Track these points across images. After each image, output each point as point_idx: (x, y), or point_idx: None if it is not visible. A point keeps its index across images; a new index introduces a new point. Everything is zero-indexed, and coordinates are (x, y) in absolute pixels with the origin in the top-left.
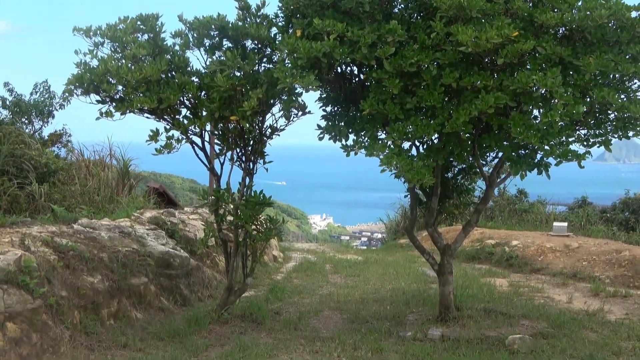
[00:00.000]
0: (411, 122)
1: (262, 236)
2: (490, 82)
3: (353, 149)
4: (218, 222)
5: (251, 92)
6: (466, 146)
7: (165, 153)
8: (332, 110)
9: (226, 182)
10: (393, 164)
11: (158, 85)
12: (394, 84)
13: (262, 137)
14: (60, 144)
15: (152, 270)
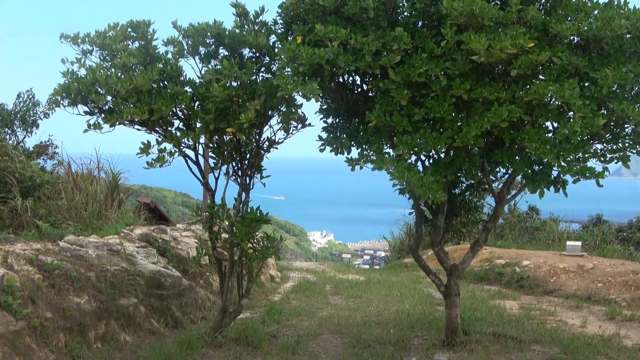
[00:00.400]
0: (420, 135)
1: (259, 255)
2: (503, 93)
3: (358, 162)
4: (212, 239)
5: (248, 104)
6: (476, 161)
7: (157, 167)
8: (333, 122)
9: (221, 197)
10: (405, 178)
11: (149, 95)
12: (402, 94)
13: (260, 150)
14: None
15: (142, 290)
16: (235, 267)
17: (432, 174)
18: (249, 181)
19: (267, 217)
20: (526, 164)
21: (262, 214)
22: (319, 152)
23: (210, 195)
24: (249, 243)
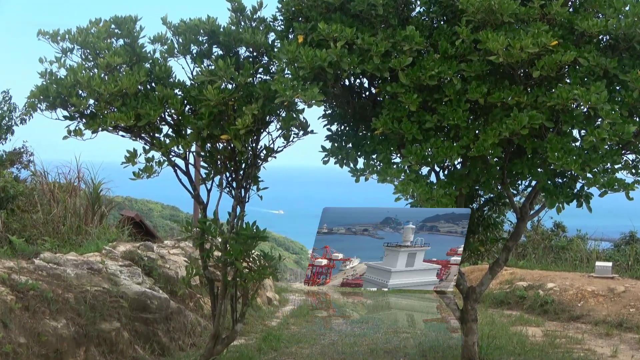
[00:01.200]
0: (431, 144)
1: (255, 275)
2: (524, 98)
3: (363, 173)
4: (203, 258)
5: (245, 108)
6: (494, 173)
7: (144, 178)
8: (338, 130)
9: (213, 211)
10: (409, 191)
11: (136, 99)
12: (412, 99)
13: (256, 159)
14: (20, 164)
15: (126, 313)
16: (229, 289)
17: (443, 186)
18: (244, 193)
19: (264, 233)
20: (548, 175)
21: (259, 230)
22: (323, 164)
23: (202, 209)
24: (244, 262)
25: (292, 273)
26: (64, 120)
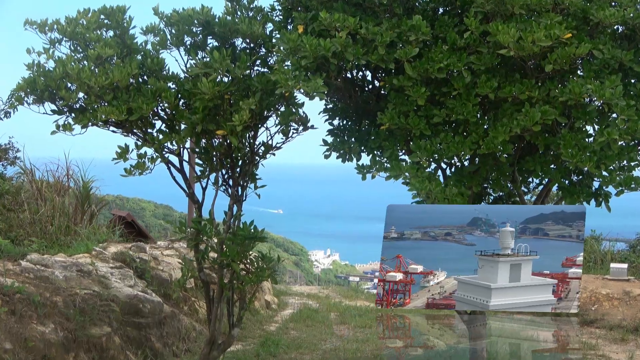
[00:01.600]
0: (440, 140)
1: (253, 277)
2: (536, 92)
3: (370, 170)
4: (198, 259)
5: (242, 102)
6: (505, 170)
7: (136, 174)
8: (340, 124)
9: (209, 210)
10: (426, 189)
11: (127, 92)
12: (419, 93)
13: (254, 156)
14: (6, 160)
15: (117, 318)
16: (225, 292)
17: (455, 184)
18: (241, 192)
19: (262, 233)
20: (562, 173)
21: (257, 230)
22: (324, 158)
23: (197, 208)
24: (241, 264)
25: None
26: (52, 115)
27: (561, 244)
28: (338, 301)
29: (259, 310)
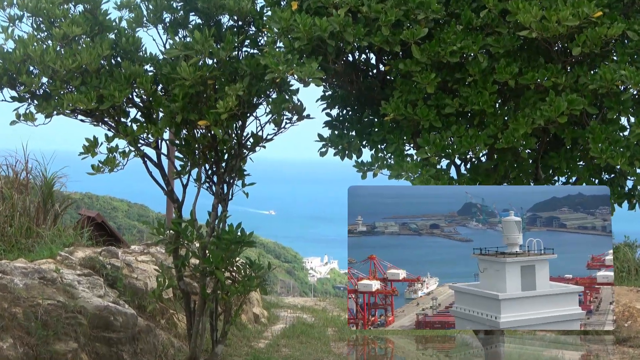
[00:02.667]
0: (452, 132)
1: (239, 287)
2: (562, 79)
3: (371, 168)
4: (178, 266)
5: (228, 88)
6: (526, 167)
7: (106, 172)
8: (339, 114)
9: (190, 210)
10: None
11: (98, 76)
12: (429, 79)
13: (241, 149)
14: None
15: (85, 332)
16: (208, 303)
17: (467, 183)
18: (227, 190)
19: (250, 237)
20: (591, 171)
21: (245, 234)
22: (320, 155)
23: (176, 208)
24: (226, 271)
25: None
26: (12, 102)
27: (583, 238)
28: (336, 315)
29: (246, 324)
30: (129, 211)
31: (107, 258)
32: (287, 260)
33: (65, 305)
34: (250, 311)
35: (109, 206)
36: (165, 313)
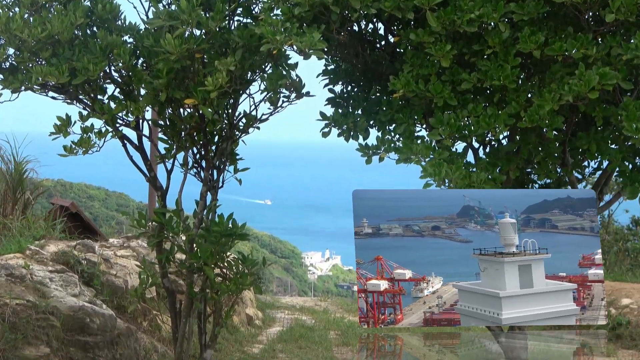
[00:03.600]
0: (469, 112)
1: (231, 286)
2: (593, 50)
3: (377, 151)
4: (162, 262)
5: (218, 62)
6: (552, 150)
7: (79, 153)
8: (343, 91)
9: (175, 199)
10: (443, 174)
11: (71, 47)
12: (443, 51)
13: (233, 130)
14: None
15: (58, 335)
16: (196, 303)
17: (486, 168)
18: (217, 176)
19: (243, 229)
20: (625, 154)
21: (237, 225)
22: (322, 136)
23: (160, 197)
24: (216, 268)
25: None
26: None
27: (573, 239)
28: (339, 317)
29: (239, 327)
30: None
31: (82, 252)
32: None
33: (35, 305)
34: (242, 312)
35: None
36: (147, 314)
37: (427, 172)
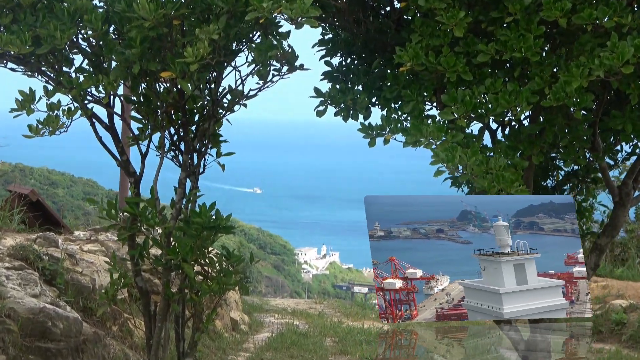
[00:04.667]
0: (487, 87)
1: (213, 285)
2: (628, 18)
3: (382, 132)
4: (135, 258)
5: (199, 31)
6: (581, 132)
7: (46, 134)
8: (342, 64)
9: (151, 187)
10: (456, 160)
11: (34, 13)
12: (457, 18)
13: (216, 108)
14: None
15: (15, 341)
16: (173, 305)
17: (505, 153)
18: (198, 160)
19: (228, 221)
20: None
21: (221, 217)
22: (317, 115)
23: (133, 183)
24: (196, 265)
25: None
26: None
27: (558, 240)
28: (337, 321)
29: (222, 332)
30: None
31: (43, 247)
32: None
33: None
34: (226, 316)
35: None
36: (118, 318)
37: (438, 157)
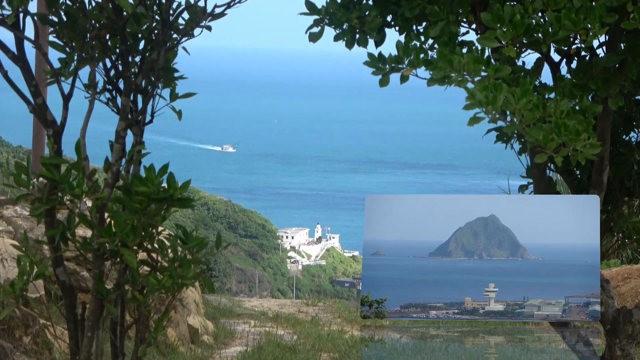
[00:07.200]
0: (545, 3)
1: (165, 280)
2: None
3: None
4: (55, 241)
5: None
6: None
7: None
8: None
9: (76, 141)
10: (498, 103)
11: None
12: None
13: (168, 32)
14: None
15: None
16: (109, 308)
17: (571, 94)
18: (143, 105)
19: (185, 190)
20: None
21: (175, 185)
22: (309, 40)
23: (52, 137)
24: (140, 251)
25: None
26: None
27: None
28: (336, 330)
29: (176, 346)
30: None
31: None
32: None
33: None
34: (183, 323)
35: None
36: (31, 324)
37: (475, 98)
